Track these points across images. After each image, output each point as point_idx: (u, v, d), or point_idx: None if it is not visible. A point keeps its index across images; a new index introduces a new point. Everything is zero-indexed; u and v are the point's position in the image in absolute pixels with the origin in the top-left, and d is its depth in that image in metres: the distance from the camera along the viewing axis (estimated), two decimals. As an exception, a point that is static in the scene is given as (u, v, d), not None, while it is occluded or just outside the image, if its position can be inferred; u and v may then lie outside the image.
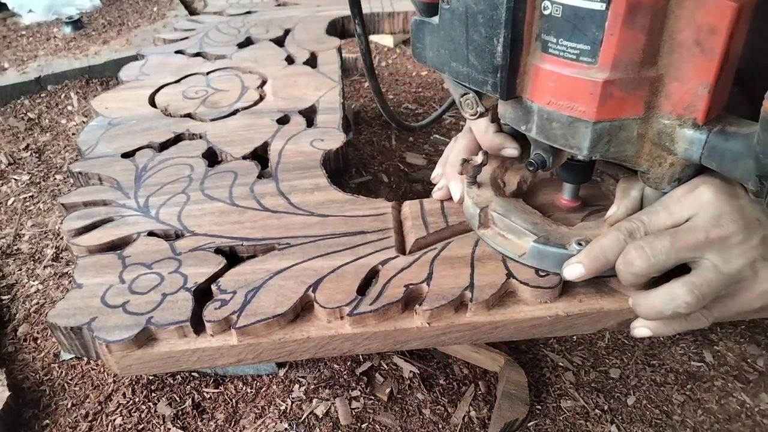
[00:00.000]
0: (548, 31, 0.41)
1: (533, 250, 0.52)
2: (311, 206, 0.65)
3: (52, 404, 0.84)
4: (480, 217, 0.56)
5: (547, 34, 0.42)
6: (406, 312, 0.52)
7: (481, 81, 0.45)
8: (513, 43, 0.42)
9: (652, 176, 0.46)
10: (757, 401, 0.85)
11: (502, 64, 0.43)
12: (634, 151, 0.44)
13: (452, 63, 0.47)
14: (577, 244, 0.50)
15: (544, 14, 0.41)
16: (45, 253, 1.12)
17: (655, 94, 0.41)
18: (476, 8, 0.42)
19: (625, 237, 0.46)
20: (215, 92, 0.93)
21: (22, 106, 1.64)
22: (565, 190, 0.57)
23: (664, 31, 0.39)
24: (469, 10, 0.43)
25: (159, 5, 2.36)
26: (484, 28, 0.42)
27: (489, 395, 0.84)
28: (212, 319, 0.50)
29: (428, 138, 1.50)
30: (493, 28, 0.42)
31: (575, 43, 0.40)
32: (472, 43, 0.44)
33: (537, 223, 0.53)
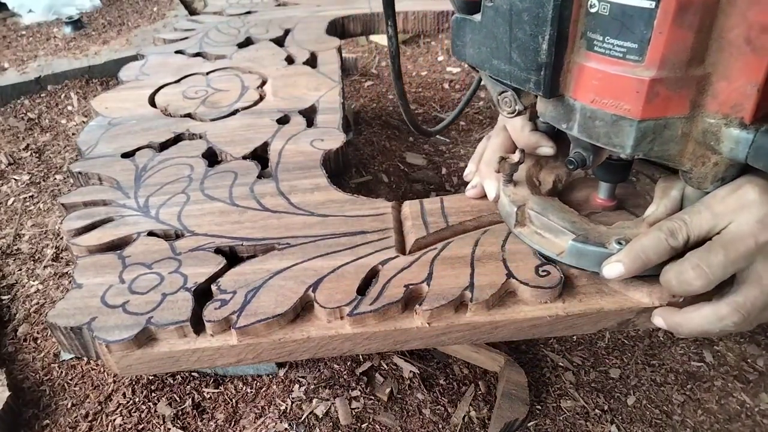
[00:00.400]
0: (594, 28, 0.41)
1: (572, 249, 0.51)
2: (311, 206, 0.65)
3: (52, 404, 0.84)
4: (517, 215, 0.55)
5: (593, 32, 0.41)
6: (406, 312, 0.52)
7: (523, 79, 0.45)
8: (558, 41, 0.42)
9: (694, 175, 0.45)
10: (757, 401, 0.85)
11: (547, 61, 0.43)
12: (677, 150, 0.44)
13: (493, 60, 0.47)
14: (617, 243, 0.49)
15: (590, 12, 0.41)
16: (45, 253, 1.12)
17: (702, 92, 0.41)
18: (521, 6, 0.42)
19: (667, 236, 0.45)
20: (215, 92, 0.93)
21: (22, 106, 1.64)
22: (601, 189, 0.57)
23: (714, 29, 0.39)
24: (514, 7, 0.43)
25: (159, 5, 2.36)
26: (528, 25, 0.42)
27: (489, 395, 0.84)
28: (212, 319, 0.50)
29: (428, 138, 1.50)
30: (538, 25, 0.42)
31: (622, 41, 0.40)
32: (515, 41, 0.44)
33: (575, 221, 0.53)
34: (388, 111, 1.63)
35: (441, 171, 1.35)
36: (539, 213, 0.54)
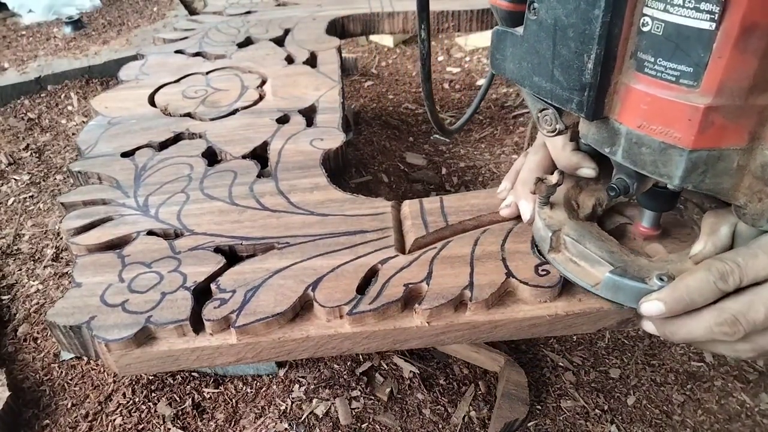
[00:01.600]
0: (646, 49, 0.38)
1: (609, 282, 0.48)
2: (311, 205, 0.65)
3: (52, 404, 0.84)
4: (551, 241, 0.52)
5: (644, 53, 0.39)
6: (406, 311, 0.52)
7: (565, 99, 0.42)
8: (605, 61, 0.39)
9: (749, 212, 0.42)
10: (757, 401, 0.84)
11: (591, 82, 0.40)
12: (731, 183, 0.40)
13: (534, 77, 0.45)
14: (659, 279, 0.45)
15: (642, 31, 0.38)
16: (45, 253, 1.12)
17: (763, 124, 0.38)
18: (567, 21, 0.39)
19: (716, 279, 0.42)
20: (215, 92, 0.93)
21: (22, 106, 1.64)
22: (645, 216, 0.52)
23: None
24: (559, 22, 0.40)
25: (159, 5, 2.36)
26: (574, 42, 0.40)
27: (489, 395, 0.84)
28: (211, 318, 0.50)
29: (428, 138, 1.50)
30: (584, 43, 0.39)
31: (676, 63, 0.37)
32: (558, 58, 0.41)
33: (614, 251, 0.49)
34: (388, 111, 1.63)
35: (441, 171, 1.35)
36: (576, 240, 0.51)
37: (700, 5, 0.35)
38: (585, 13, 0.38)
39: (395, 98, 1.72)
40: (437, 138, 1.50)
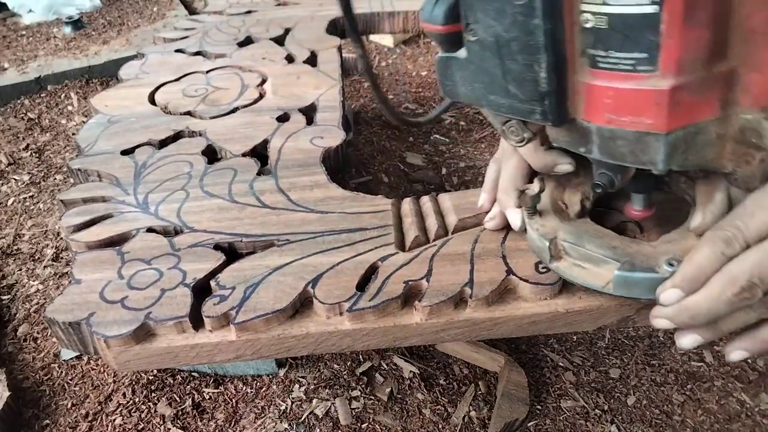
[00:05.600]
0: (594, 44, 0.37)
1: (619, 279, 0.46)
2: (310, 203, 0.65)
3: (52, 404, 0.84)
4: (551, 250, 0.50)
5: (594, 48, 0.37)
6: (406, 308, 0.52)
7: (526, 111, 0.41)
8: (557, 66, 0.38)
9: (740, 176, 0.41)
10: (757, 401, 0.84)
11: (549, 89, 0.39)
12: (714, 153, 0.40)
13: (490, 96, 0.43)
14: (668, 264, 0.44)
15: (585, 27, 0.37)
16: (45, 253, 1.12)
17: (731, 89, 0.37)
18: (508, 36, 0.38)
19: (723, 249, 0.41)
20: (215, 90, 0.93)
21: (22, 106, 1.65)
22: (635, 200, 0.51)
23: (731, 19, 0.35)
24: (500, 38, 0.39)
25: (159, 5, 2.36)
26: (521, 55, 0.39)
27: (489, 395, 0.84)
28: (211, 314, 0.50)
29: (428, 138, 1.50)
30: (531, 53, 0.38)
31: (628, 52, 0.36)
32: (509, 73, 0.40)
33: (616, 246, 0.48)
34: (388, 111, 1.63)
35: (441, 171, 1.35)
36: (574, 243, 0.49)
37: None
38: (524, 24, 0.37)
39: (395, 98, 1.72)
40: (437, 138, 1.50)
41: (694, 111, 0.37)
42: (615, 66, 0.37)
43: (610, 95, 0.38)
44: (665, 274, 0.44)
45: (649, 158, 0.39)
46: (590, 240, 0.49)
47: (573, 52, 0.38)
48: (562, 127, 0.43)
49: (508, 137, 0.48)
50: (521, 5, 0.36)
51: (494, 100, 0.43)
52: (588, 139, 0.42)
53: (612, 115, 0.39)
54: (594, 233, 0.50)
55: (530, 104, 0.41)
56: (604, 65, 0.38)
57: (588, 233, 0.50)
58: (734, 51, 0.36)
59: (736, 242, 0.41)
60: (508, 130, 0.47)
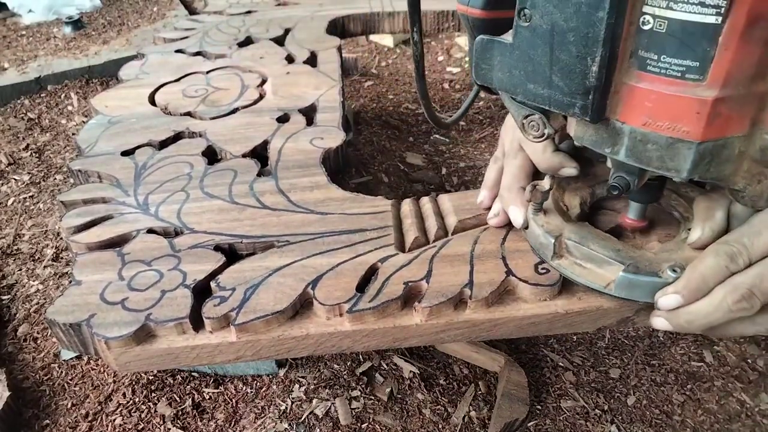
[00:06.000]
0: (648, 47, 0.38)
1: (623, 281, 0.47)
2: (310, 204, 0.65)
3: (52, 404, 0.84)
4: (555, 247, 0.51)
5: (647, 51, 0.38)
6: (406, 309, 0.52)
7: (567, 103, 0.42)
8: (609, 62, 0.39)
9: (749, 194, 0.42)
10: (757, 401, 0.84)
11: (596, 85, 0.39)
12: (732, 169, 0.41)
13: (529, 85, 0.44)
14: (672, 270, 0.46)
15: (642, 29, 0.38)
16: (45, 253, 1.12)
17: (763, 109, 0.38)
18: (566, 25, 0.39)
19: (727, 263, 0.42)
20: (215, 91, 0.93)
21: (22, 106, 1.65)
22: (632, 209, 0.52)
23: None
24: (557, 27, 0.39)
25: (159, 5, 2.36)
26: (575, 46, 0.39)
27: (489, 395, 0.84)
28: (211, 316, 0.50)
29: (428, 138, 1.50)
30: (587, 46, 0.38)
31: (681, 59, 0.37)
32: (557, 63, 0.41)
33: (619, 249, 0.49)
34: (388, 111, 1.63)
35: (441, 171, 1.35)
36: (578, 243, 0.50)
37: (706, 0, 0.34)
38: (587, 16, 0.37)
39: (395, 98, 1.72)
40: (437, 138, 1.50)
41: (727, 125, 0.38)
42: (664, 71, 0.38)
43: (652, 98, 0.39)
44: (668, 279, 0.45)
45: (676, 165, 0.40)
46: (594, 241, 0.50)
47: (624, 51, 0.39)
48: (592, 126, 0.43)
49: (527, 131, 0.48)
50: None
51: (533, 89, 0.44)
52: (618, 141, 0.42)
53: (649, 118, 0.39)
54: (597, 235, 0.51)
55: (572, 97, 0.41)
56: (653, 68, 0.38)
57: (592, 235, 0.51)
58: None
59: (740, 258, 0.42)
60: (529, 124, 0.47)
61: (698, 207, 0.49)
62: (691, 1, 0.35)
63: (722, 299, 0.42)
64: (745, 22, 0.34)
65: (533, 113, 0.46)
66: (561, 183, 0.58)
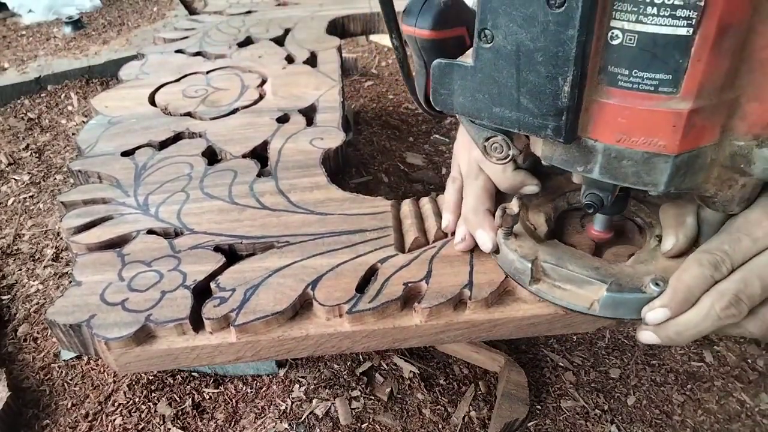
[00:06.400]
0: (618, 62, 0.37)
1: (608, 300, 0.46)
2: (310, 204, 0.65)
3: (52, 404, 0.84)
4: (532, 272, 0.49)
5: (617, 66, 0.37)
6: (405, 310, 0.52)
7: (537, 126, 0.40)
8: (581, 81, 0.37)
9: (719, 200, 0.42)
10: (757, 401, 0.84)
11: (569, 105, 0.38)
12: (703, 177, 0.41)
13: (494, 108, 0.42)
14: (654, 284, 0.45)
15: (611, 44, 0.37)
16: (45, 253, 1.12)
17: (731, 116, 0.38)
18: (533, 45, 0.37)
19: (712, 272, 0.42)
20: (215, 91, 0.93)
21: (22, 106, 1.65)
22: (597, 221, 0.52)
23: (745, 50, 0.36)
24: (523, 47, 0.38)
25: (159, 5, 2.36)
26: (544, 66, 0.37)
27: (489, 395, 0.84)
28: (211, 316, 0.50)
29: (428, 138, 1.50)
30: (557, 66, 0.37)
31: (653, 73, 0.36)
32: (525, 85, 0.39)
33: (598, 267, 0.48)
34: (388, 111, 1.63)
35: (441, 171, 1.35)
36: (555, 264, 0.49)
37: (677, 12, 0.34)
38: (556, 35, 0.36)
39: (395, 98, 1.72)
40: (437, 138, 1.50)
41: (701, 135, 0.38)
42: (636, 86, 0.37)
43: (625, 115, 0.38)
44: (652, 294, 0.45)
45: (653, 179, 0.39)
46: (571, 261, 0.49)
47: (593, 68, 0.38)
48: (563, 146, 0.42)
49: (490, 154, 0.47)
50: (558, 14, 0.35)
51: (499, 112, 0.42)
52: (590, 159, 0.41)
53: (623, 134, 0.38)
54: (572, 254, 0.50)
55: (544, 119, 0.40)
56: (625, 84, 0.37)
57: (567, 254, 0.50)
58: (741, 81, 0.37)
59: (723, 266, 0.42)
60: (491, 146, 0.46)
61: (666, 214, 0.49)
62: (662, 13, 0.34)
63: (710, 308, 0.42)
64: (715, 32, 0.34)
65: (495, 135, 0.45)
66: (523, 201, 0.56)
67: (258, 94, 0.92)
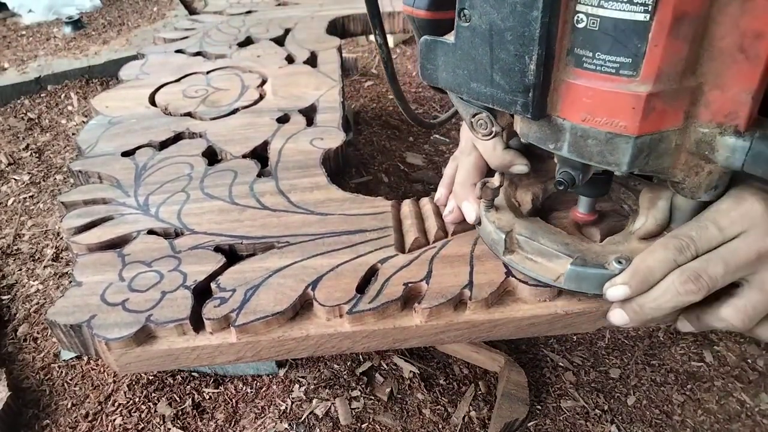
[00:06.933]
0: (583, 44, 0.39)
1: (571, 274, 0.49)
2: (311, 205, 0.65)
3: (52, 404, 0.84)
4: (506, 243, 0.52)
5: (582, 48, 0.39)
6: (406, 310, 0.52)
7: (508, 101, 0.42)
8: (546, 60, 0.39)
9: (687, 186, 0.44)
10: (757, 401, 0.85)
11: (535, 82, 0.40)
12: (670, 162, 0.42)
13: (472, 84, 0.44)
14: (617, 262, 0.47)
15: (577, 27, 0.39)
16: (45, 253, 1.12)
17: (694, 103, 0.40)
18: (503, 25, 0.39)
19: (675, 256, 0.44)
20: (215, 91, 0.93)
21: (22, 106, 1.65)
22: (582, 203, 0.54)
23: (705, 38, 0.38)
24: (495, 27, 0.40)
25: (159, 5, 2.36)
26: (513, 45, 0.40)
27: (489, 395, 0.84)
28: (211, 317, 0.50)
29: (428, 138, 1.50)
30: (524, 45, 0.39)
31: (614, 56, 0.38)
32: (498, 62, 0.41)
33: (568, 243, 0.50)
34: (388, 111, 1.63)
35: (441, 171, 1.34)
36: (529, 238, 0.52)
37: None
38: (522, 15, 0.38)
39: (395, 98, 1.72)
40: (437, 138, 1.50)
41: (662, 119, 0.40)
42: (599, 68, 0.39)
43: (589, 95, 0.40)
44: (614, 271, 0.47)
45: (615, 159, 0.41)
46: (544, 236, 0.51)
47: (560, 49, 0.40)
48: (536, 123, 0.44)
49: (476, 130, 0.49)
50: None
51: (476, 88, 0.44)
52: (560, 137, 0.43)
53: (588, 114, 0.40)
54: (547, 230, 0.52)
55: (513, 95, 0.42)
56: (589, 65, 0.39)
57: (542, 230, 0.52)
58: (702, 68, 0.39)
59: (688, 251, 0.44)
60: (477, 122, 0.49)
61: (643, 198, 0.51)
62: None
63: (670, 283, 0.44)
64: (671, 18, 0.35)
65: (480, 112, 0.48)
66: (513, 180, 0.59)
67: (258, 94, 0.92)
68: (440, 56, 0.46)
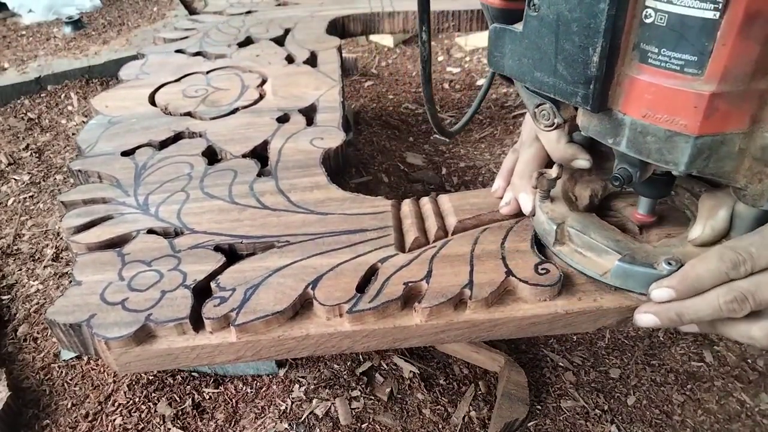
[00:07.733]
0: (649, 40, 0.39)
1: (618, 270, 0.49)
2: (311, 204, 0.65)
3: (52, 404, 0.84)
4: (556, 234, 0.53)
5: (648, 44, 0.39)
6: (406, 309, 0.52)
7: (570, 92, 0.43)
8: (610, 53, 0.39)
9: (750, 193, 0.43)
10: (757, 401, 0.84)
11: (597, 74, 0.40)
12: (732, 166, 0.41)
13: (536, 73, 0.45)
14: (666, 263, 0.46)
15: (645, 22, 0.39)
16: (45, 253, 1.12)
17: (763, 107, 0.39)
18: (570, 16, 0.40)
19: (728, 269, 0.42)
20: (215, 91, 0.93)
21: (22, 106, 1.64)
22: (641, 204, 0.53)
23: None
24: (562, 17, 0.41)
25: (159, 5, 2.36)
26: (578, 36, 0.40)
27: (489, 395, 0.84)
28: (211, 316, 0.50)
29: (428, 138, 1.50)
30: (589, 36, 0.39)
31: (680, 53, 0.38)
32: (562, 53, 0.42)
33: (619, 240, 0.50)
34: (388, 111, 1.63)
35: (441, 171, 1.35)
36: (580, 231, 0.52)
37: None
38: (590, 7, 0.38)
39: (395, 98, 1.72)
40: (437, 138, 1.50)
41: (725, 121, 0.39)
42: (664, 64, 0.39)
43: (652, 91, 0.39)
44: (662, 272, 0.46)
45: (674, 158, 0.41)
46: (596, 230, 0.51)
47: (627, 44, 0.40)
48: (596, 116, 0.44)
49: (539, 120, 0.50)
50: None
51: (539, 77, 0.45)
52: (619, 132, 0.43)
53: (649, 110, 0.40)
54: (600, 226, 0.52)
55: (575, 86, 0.42)
56: (654, 61, 0.39)
57: (594, 225, 0.52)
58: None
59: (743, 267, 0.42)
60: (540, 113, 0.49)
61: (703, 204, 0.50)
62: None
63: (715, 297, 0.43)
64: (742, 18, 0.34)
65: (544, 102, 0.48)
66: (574, 174, 0.59)
67: (258, 94, 0.92)
68: (508, 44, 0.47)
